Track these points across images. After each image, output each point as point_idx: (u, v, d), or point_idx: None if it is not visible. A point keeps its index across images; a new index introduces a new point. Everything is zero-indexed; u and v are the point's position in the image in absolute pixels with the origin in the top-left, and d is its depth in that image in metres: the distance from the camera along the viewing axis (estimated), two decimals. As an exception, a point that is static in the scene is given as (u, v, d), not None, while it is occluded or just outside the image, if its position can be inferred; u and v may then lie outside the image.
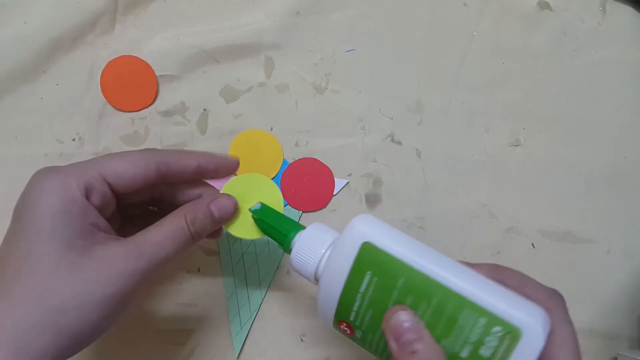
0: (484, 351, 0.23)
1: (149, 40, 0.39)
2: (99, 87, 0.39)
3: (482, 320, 0.23)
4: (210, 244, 0.38)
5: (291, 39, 0.41)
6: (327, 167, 0.40)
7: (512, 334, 0.23)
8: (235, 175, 0.32)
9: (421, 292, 0.24)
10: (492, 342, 0.23)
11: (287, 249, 0.29)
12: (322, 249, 0.27)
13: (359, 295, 0.26)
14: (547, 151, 0.42)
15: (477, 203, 0.41)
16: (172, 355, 0.37)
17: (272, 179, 0.39)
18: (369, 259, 0.25)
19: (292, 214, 0.39)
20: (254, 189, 0.31)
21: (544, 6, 0.43)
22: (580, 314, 0.40)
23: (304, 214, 0.39)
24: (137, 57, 0.39)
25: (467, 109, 0.42)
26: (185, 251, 0.28)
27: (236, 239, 0.38)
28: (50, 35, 0.38)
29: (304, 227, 0.29)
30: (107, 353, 0.36)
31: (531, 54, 0.43)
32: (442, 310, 0.24)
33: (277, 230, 0.29)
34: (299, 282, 0.38)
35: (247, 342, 0.37)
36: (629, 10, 0.44)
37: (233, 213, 0.30)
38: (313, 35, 0.41)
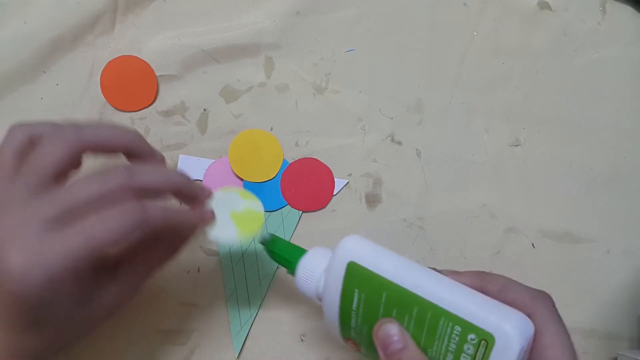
0: (464, 359, 0.24)
1: (149, 40, 0.39)
2: (99, 87, 0.39)
3: (457, 329, 0.24)
4: (210, 244, 0.38)
5: (291, 39, 0.41)
6: (327, 167, 0.40)
7: (485, 340, 0.23)
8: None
9: (403, 305, 0.25)
10: (469, 349, 0.23)
11: (294, 275, 0.30)
12: (319, 271, 0.29)
13: (353, 312, 0.27)
14: (547, 151, 0.42)
15: (477, 203, 0.41)
16: (172, 355, 0.37)
17: (272, 179, 0.39)
18: (355, 277, 0.26)
19: (292, 213, 0.39)
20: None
21: (544, 6, 0.43)
22: (580, 314, 0.40)
23: (304, 214, 0.39)
24: (137, 57, 0.39)
25: (467, 109, 0.42)
26: None
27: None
28: (50, 35, 0.38)
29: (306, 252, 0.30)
30: (107, 353, 0.36)
31: (531, 54, 0.43)
32: (423, 321, 0.25)
33: (284, 258, 0.31)
34: (299, 282, 0.39)
35: (247, 342, 0.37)
36: (629, 10, 0.44)
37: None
38: (313, 35, 0.41)
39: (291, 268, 0.30)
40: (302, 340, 0.38)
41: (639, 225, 0.42)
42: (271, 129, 0.40)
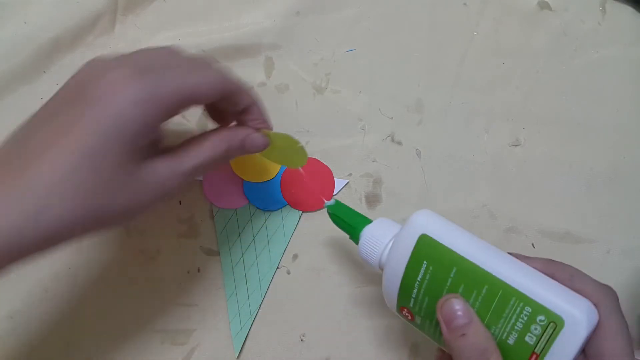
0: (529, 338, 0.25)
1: (149, 40, 0.39)
2: (99, 87, 0.39)
3: (528, 309, 0.25)
4: (210, 244, 0.38)
5: (291, 39, 0.41)
6: (327, 167, 0.40)
7: (554, 323, 0.24)
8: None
9: (472, 281, 0.26)
10: (537, 330, 0.24)
11: (356, 241, 0.32)
12: (386, 240, 0.30)
13: (417, 283, 0.28)
14: (547, 151, 0.42)
15: (477, 203, 0.41)
16: (172, 355, 0.37)
17: (272, 179, 0.39)
18: (426, 249, 0.27)
19: (292, 213, 0.39)
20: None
21: (544, 6, 0.43)
22: (580, 314, 0.40)
23: (304, 214, 0.39)
24: (137, 57, 0.39)
25: (467, 109, 0.42)
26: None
27: (236, 238, 0.38)
28: (50, 35, 0.38)
29: (371, 221, 0.31)
30: (107, 352, 0.36)
31: (531, 54, 0.43)
32: (491, 299, 0.25)
33: (348, 224, 0.32)
34: (299, 282, 0.38)
35: (247, 342, 0.37)
36: (629, 10, 0.44)
37: (263, 149, 0.32)
38: (313, 35, 0.41)
39: (355, 235, 0.32)
40: (302, 340, 0.38)
41: (639, 225, 0.42)
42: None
